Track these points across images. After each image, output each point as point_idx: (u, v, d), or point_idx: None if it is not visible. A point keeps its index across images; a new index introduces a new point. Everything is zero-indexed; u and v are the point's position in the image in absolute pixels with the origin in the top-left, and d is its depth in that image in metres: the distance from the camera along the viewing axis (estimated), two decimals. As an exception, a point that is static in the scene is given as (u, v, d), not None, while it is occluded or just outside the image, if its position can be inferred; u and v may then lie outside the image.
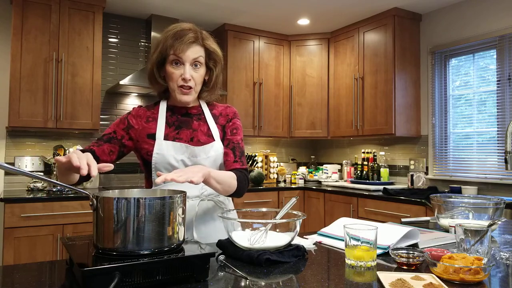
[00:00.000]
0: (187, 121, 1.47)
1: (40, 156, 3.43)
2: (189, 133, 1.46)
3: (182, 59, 1.37)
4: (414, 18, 3.73)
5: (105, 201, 0.93)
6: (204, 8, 3.68)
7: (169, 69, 1.39)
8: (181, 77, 1.38)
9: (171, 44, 1.36)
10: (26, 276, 0.97)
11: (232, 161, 1.47)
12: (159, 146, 1.40)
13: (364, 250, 1.06)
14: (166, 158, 1.39)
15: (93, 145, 1.38)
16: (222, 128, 1.52)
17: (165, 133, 1.43)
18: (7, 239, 2.76)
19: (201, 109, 1.52)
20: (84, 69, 3.31)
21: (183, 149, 1.41)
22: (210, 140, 1.47)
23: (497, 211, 1.50)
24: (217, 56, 1.45)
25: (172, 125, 1.46)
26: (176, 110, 1.48)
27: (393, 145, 4.00)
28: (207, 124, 1.49)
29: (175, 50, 1.36)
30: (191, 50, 1.37)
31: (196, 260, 0.94)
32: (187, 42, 1.35)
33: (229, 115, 1.55)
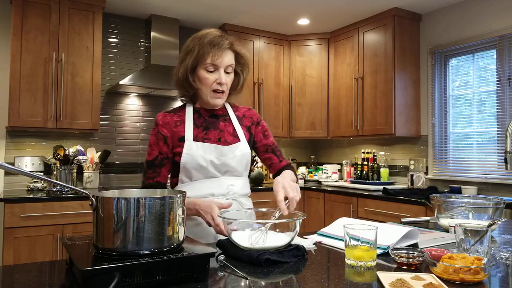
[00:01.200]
0: (214, 122, 1.53)
1: (40, 156, 3.43)
2: (217, 134, 1.51)
3: (217, 65, 1.43)
4: (414, 18, 3.73)
5: (105, 201, 0.93)
6: (204, 8, 3.68)
7: (203, 74, 1.44)
8: (216, 82, 1.44)
9: (208, 51, 1.41)
10: (26, 276, 0.97)
11: (278, 162, 1.61)
12: (188, 147, 1.44)
13: (364, 250, 1.06)
14: (195, 158, 1.44)
15: (153, 176, 1.47)
16: (248, 129, 1.59)
17: (194, 134, 1.48)
18: (7, 239, 2.76)
19: (226, 110, 1.59)
20: (84, 69, 3.31)
21: (212, 149, 1.46)
22: (236, 140, 1.53)
23: (497, 211, 1.50)
24: (245, 61, 1.54)
25: (200, 126, 1.51)
26: (202, 112, 1.54)
27: (393, 145, 4.00)
28: (233, 125, 1.56)
29: (212, 57, 1.41)
30: (226, 56, 1.44)
31: (196, 260, 0.94)
32: (223, 49, 1.42)
33: (253, 117, 1.63)
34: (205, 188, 1.46)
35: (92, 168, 3.48)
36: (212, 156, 1.45)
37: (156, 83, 3.48)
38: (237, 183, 1.51)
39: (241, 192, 1.53)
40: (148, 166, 1.48)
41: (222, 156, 1.47)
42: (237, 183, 1.51)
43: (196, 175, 1.46)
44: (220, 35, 1.44)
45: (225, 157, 1.47)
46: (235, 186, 1.50)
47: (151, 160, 1.48)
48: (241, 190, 1.53)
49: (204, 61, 1.42)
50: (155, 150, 1.47)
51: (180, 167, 1.46)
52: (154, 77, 3.55)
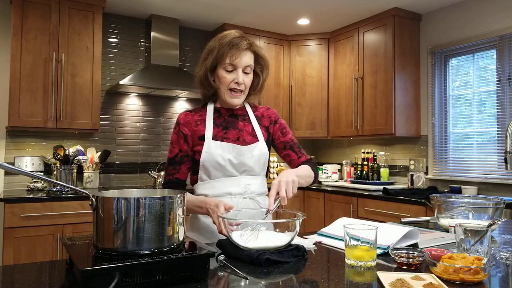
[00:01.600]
0: (233, 122, 1.56)
1: (40, 156, 3.43)
2: (236, 133, 1.54)
3: (236, 65, 1.46)
4: (414, 18, 3.73)
5: (105, 201, 0.93)
6: (204, 8, 3.68)
7: (222, 74, 1.48)
8: (234, 81, 1.48)
9: (227, 51, 1.45)
10: (26, 276, 0.97)
11: (297, 158, 1.62)
12: (208, 145, 1.48)
13: (364, 250, 1.06)
14: (214, 157, 1.47)
15: (173, 173, 1.51)
16: (266, 129, 1.62)
17: (213, 133, 1.51)
18: (7, 239, 2.76)
19: (246, 110, 1.62)
20: (84, 69, 3.31)
21: (230, 149, 1.49)
22: (255, 140, 1.56)
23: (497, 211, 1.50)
24: (265, 62, 1.57)
25: (220, 125, 1.54)
26: (223, 111, 1.57)
27: (393, 145, 4.00)
28: (251, 125, 1.59)
29: (231, 57, 1.45)
30: (245, 57, 1.47)
31: (196, 260, 0.94)
32: (242, 49, 1.46)
33: (271, 116, 1.65)
34: (223, 187, 1.49)
35: (92, 168, 3.48)
36: (230, 155, 1.48)
37: (156, 83, 3.48)
38: (255, 183, 1.54)
39: (258, 191, 1.55)
40: (169, 163, 1.53)
41: (240, 155, 1.50)
42: (254, 183, 1.54)
43: (215, 173, 1.49)
44: (239, 36, 1.48)
45: (243, 157, 1.50)
46: (252, 185, 1.53)
47: (171, 157, 1.53)
48: (258, 189, 1.55)
49: (223, 61, 1.46)
50: (176, 148, 1.52)
51: (199, 165, 1.50)
52: (154, 77, 3.55)
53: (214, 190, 1.49)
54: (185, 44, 4.17)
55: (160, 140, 4.01)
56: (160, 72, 3.65)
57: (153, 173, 3.71)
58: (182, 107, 4.12)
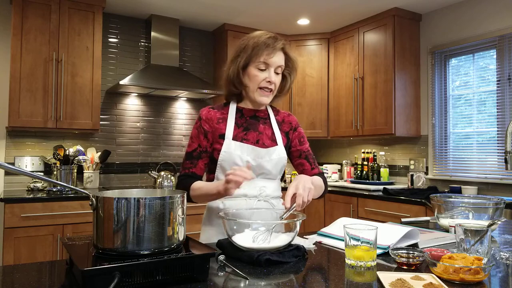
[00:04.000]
0: (255, 124, 1.57)
1: (40, 156, 3.43)
2: (256, 135, 1.55)
3: (269, 64, 1.47)
4: (414, 18, 3.73)
5: (105, 201, 0.93)
6: (204, 8, 3.68)
7: (254, 72, 1.48)
8: (265, 80, 1.48)
9: (263, 49, 1.46)
10: (26, 276, 0.97)
11: (310, 169, 1.62)
12: (227, 145, 1.48)
13: (364, 250, 1.06)
14: (233, 157, 1.48)
15: (190, 167, 1.50)
16: (286, 135, 1.63)
17: (234, 133, 1.52)
18: (7, 239, 2.76)
19: (268, 113, 1.63)
20: (84, 69, 3.31)
21: (249, 151, 1.50)
22: (274, 144, 1.56)
23: (497, 211, 1.50)
24: (294, 64, 1.57)
25: (241, 126, 1.55)
26: (245, 112, 1.58)
27: (393, 145, 4.00)
28: (272, 129, 1.59)
29: (266, 56, 1.46)
30: (278, 56, 1.49)
31: (196, 260, 0.94)
32: (277, 49, 1.48)
33: (292, 123, 1.67)
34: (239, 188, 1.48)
35: (92, 168, 3.48)
36: (249, 157, 1.49)
37: (156, 83, 3.48)
38: (270, 186, 1.55)
39: (273, 195, 1.55)
40: (186, 157, 1.52)
41: (258, 158, 1.50)
42: (270, 186, 1.54)
43: None
44: (274, 36, 1.51)
45: (262, 160, 1.50)
46: (268, 188, 1.53)
47: (190, 152, 1.52)
48: (274, 193, 1.55)
49: (257, 59, 1.47)
50: (195, 142, 1.52)
51: (217, 164, 1.50)
52: (154, 77, 3.55)
53: None
54: (185, 44, 4.17)
55: (160, 140, 4.01)
56: (160, 72, 3.65)
57: (153, 173, 3.71)
58: (182, 107, 4.12)
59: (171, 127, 4.08)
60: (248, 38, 1.51)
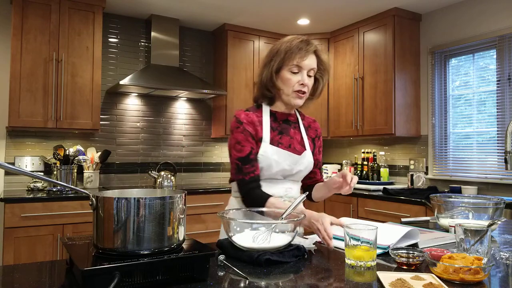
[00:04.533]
0: (287, 128, 1.59)
1: (40, 156, 3.43)
2: (288, 140, 1.57)
3: (302, 67, 1.49)
4: (414, 18, 3.73)
5: (105, 201, 0.93)
6: (204, 8, 3.68)
7: (286, 75, 1.50)
8: (299, 83, 1.50)
9: (295, 53, 1.48)
10: (26, 276, 0.97)
11: (319, 178, 1.70)
12: (264, 148, 1.50)
13: (364, 250, 1.06)
14: (269, 161, 1.50)
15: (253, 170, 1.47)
16: (312, 141, 1.67)
17: (270, 137, 1.53)
18: (7, 239, 2.76)
19: (297, 117, 1.65)
20: (84, 69, 3.31)
21: (286, 156, 1.52)
22: (303, 149, 1.59)
23: (497, 211, 1.50)
24: (326, 67, 1.59)
25: (275, 129, 1.56)
26: (278, 115, 1.59)
27: (393, 145, 4.00)
28: (301, 134, 1.62)
29: (298, 59, 1.48)
30: (311, 59, 1.51)
31: (196, 260, 0.94)
32: (310, 52, 1.50)
33: (318, 131, 1.71)
34: (267, 188, 1.51)
35: (92, 168, 3.48)
36: (285, 163, 1.51)
37: (156, 83, 3.48)
38: (295, 187, 1.62)
39: (296, 196, 1.60)
40: (243, 163, 1.47)
41: (294, 163, 1.53)
42: (295, 187, 1.60)
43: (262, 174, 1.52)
44: (306, 39, 1.53)
45: (296, 165, 1.54)
46: (293, 189, 1.59)
47: (245, 156, 1.48)
48: (296, 194, 1.61)
49: (290, 63, 1.48)
50: (247, 146, 1.49)
51: None
52: (154, 77, 3.55)
53: None
54: (185, 44, 4.17)
55: (160, 140, 4.01)
56: (160, 72, 3.65)
57: (153, 173, 3.71)
58: (182, 107, 4.12)
59: (171, 127, 4.08)
60: (281, 42, 1.53)
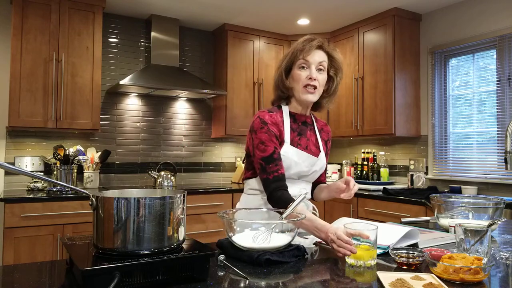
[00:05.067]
0: (304, 130, 1.61)
1: (40, 156, 3.43)
2: (305, 141, 1.59)
3: (308, 62, 1.51)
4: (414, 18, 3.73)
5: (105, 201, 0.93)
6: (204, 8, 3.68)
7: (296, 72, 1.54)
8: (307, 77, 1.52)
9: (301, 49, 1.52)
10: (26, 276, 0.97)
11: (323, 179, 1.75)
12: (285, 149, 1.51)
13: (364, 250, 1.06)
14: (289, 162, 1.51)
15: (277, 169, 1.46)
16: (325, 143, 1.70)
17: (290, 138, 1.55)
18: (7, 239, 2.76)
19: (312, 120, 1.67)
20: (84, 69, 3.31)
21: (305, 157, 1.55)
22: (318, 151, 1.62)
23: (497, 211, 1.50)
24: (339, 64, 1.59)
25: (295, 130, 1.58)
26: (297, 117, 1.61)
27: (393, 145, 4.00)
28: (316, 135, 1.65)
29: (304, 54, 1.51)
30: (317, 54, 1.53)
31: (196, 260, 0.94)
32: (314, 46, 1.53)
33: (329, 134, 1.74)
34: None
35: (92, 168, 3.48)
36: (303, 164, 1.54)
37: (156, 83, 3.48)
38: (308, 188, 1.63)
39: (309, 196, 1.65)
40: (267, 162, 1.46)
41: (311, 165, 1.56)
42: (308, 188, 1.63)
43: None
44: (311, 38, 1.56)
45: (312, 167, 1.57)
46: (306, 189, 1.61)
47: (269, 155, 1.47)
48: (309, 195, 1.65)
49: (297, 60, 1.53)
50: (271, 145, 1.49)
51: None
52: (154, 77, 3.55)
53: None
54: (185, 44, 4.17)
55: (160, 140, 4.01)
56: (160, 72, 3.65)
57: (153, 173, 3.71)
58: (182, 107, 4.12)
59: (171, 127, 4.08)
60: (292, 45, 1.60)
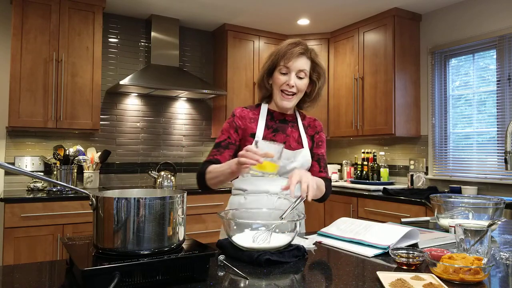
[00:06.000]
0: (283, 127, 1.62)
1: (40, 156, 3.43)
2: (283, 137, 1.60)
3: (289, 69, 1.53)
4: (414, 18, 3.73)
5: (105, 201, 0.93)
6: (204, 8, 3.68)
7: (276, 76, 1.56)
8: (285, 83, 1.53)
9: (283, 54, 1.53)
10: (26, 276, 0.97)
11: (318, 171, 1.64)
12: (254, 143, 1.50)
13: (268, 162, 1.19)
14: None
15: (215, 154, 1.54)
16: (311, 138, 1.68)
17: (263, 134, 1.57)
18: (7, 239, 2.76)
19: (296, 117, 1.67)
20: (84, 69, 3.31)
21: None
22: (299, 147, 1.61)
23: (497, 211, 1.50)
24: (321, 70, 1.60)
25: (270, 127, 1.60)
26: (275, 115, 1.63)
27: (393, 145, 4.00)
28: (299, 132, 1.64)
29: (285, 61, 1.52)
30: (299, 61, 1.53)
31: (196, 260, 0.94)
32: (296, 53, 1.52)
33: (317, 127, 1.71)
34: (262, 185, 1.55)
35: (92, 168, 3.48)
36: None
37: (156, 83, 3.48)
38: None
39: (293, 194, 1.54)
40: (214, 147, 1.57)
41: (285, 159, 1.53)
42: None
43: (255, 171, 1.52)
44: (295, 42, 1.55)
45: (288, 161, 1.54)
46: None
47: (218, 142, 1.57)
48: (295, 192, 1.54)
49: (279, 64, 1.54)
50: (225, 134, 1.58)
51: None
52: (154, 77, 3.55)
53: (252, 187, 1.56)
54: (185, 44, 4.17)
55: (160, 140, 4.01)
56: (160, 72, 3.65)
57: (153, 173, 3.71)
58: (182, 107, 4.13)
59: (171, 127, 4.08)
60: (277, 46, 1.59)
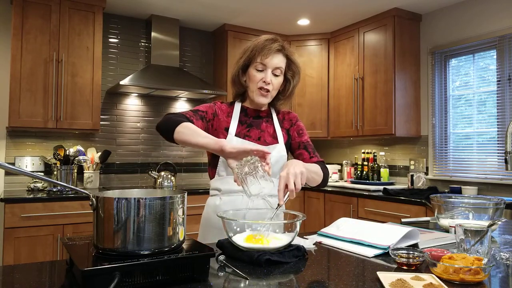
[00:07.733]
0: (258, 122, 1.62)
1: (40, 156, 3.43)
2: (258, 133, 1.60)
3: (265, 66, 1.52)
4: (414, 19, 3.73)
5: (105, 201, 0.93)
6: (204, 8, 3.68)
7: (252, 73, 1.54)
8: (262, 80, 1.53)
9: (259, 51, 1.52)
10: (26, 276, 0.97)
11: (309, 158, 1.62)
12: (229, 140, 1.51)
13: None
14: None
15: (191, 116, 1.48)
16: (287, 132, 1.67)
17: (237, 130, 1.57)
18: (7, 239, 2.76)
19: (270, 112, 1.67)
20: (84, 69, 3.31)
21: None
22: (275, 141, 1.61)
23: (497, 211, 1.50)
24: (297, 68, 1.61)
25: (244, 123, 1.60)
26: (249, 111, 1.63)
27: (393, 145, 4.00)
28: (273, 127, 1.64)
29: (262, 57, 1.51)
30: (276, 58, 1.53)
31: (196, 260, 0.94)
32: (274, 50, 1.52)
33: (292, 119, 1.70)
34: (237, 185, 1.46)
35: (93, 168, 3.48)
36: None
37: (156, 83, 3.48)
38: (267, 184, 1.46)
39: (271, 193, 1.51)
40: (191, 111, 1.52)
41: None
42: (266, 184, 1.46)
43: None
44: (272, 38, 1.56)
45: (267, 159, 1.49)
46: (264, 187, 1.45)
47: (196, 110, 1.53)
48: (271, 191, 1.49)
49: (255, 61, 1.53)
50: (204, 109, 1.55)
51: (219, 160, 1.56)
52: (154, 77, 3.55)
53: (228, 186, 1.54)
54: (185, 44, 4.17)
55: (160, 140, 4.01)
56: (160, 72, 3.65)
57: (153, 173, 3.71)
58: (182, 107, 4.13)
59: (171, 127, 4.07)
60: (252, 41, 1.58)
